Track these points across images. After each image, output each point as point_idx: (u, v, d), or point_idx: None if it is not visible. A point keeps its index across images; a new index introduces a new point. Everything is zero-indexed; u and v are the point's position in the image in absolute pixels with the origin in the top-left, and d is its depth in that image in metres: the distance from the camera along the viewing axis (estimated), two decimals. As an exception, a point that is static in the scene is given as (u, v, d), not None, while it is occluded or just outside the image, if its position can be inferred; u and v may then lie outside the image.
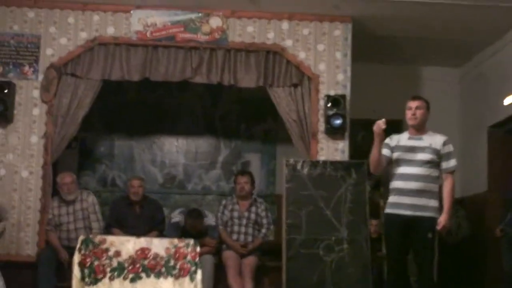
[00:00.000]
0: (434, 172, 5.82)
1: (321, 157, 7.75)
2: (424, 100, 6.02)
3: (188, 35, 7.85)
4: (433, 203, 5.78)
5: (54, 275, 7.08)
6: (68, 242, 7.29)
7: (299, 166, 7.42)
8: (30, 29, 7.82)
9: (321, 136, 7.85)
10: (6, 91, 7.52)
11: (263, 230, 7.73)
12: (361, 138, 8.57)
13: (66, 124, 7.69)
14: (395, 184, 5.90)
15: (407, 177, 5.82)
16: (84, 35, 7.83)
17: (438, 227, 5.68)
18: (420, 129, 5.95)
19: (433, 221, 5.74)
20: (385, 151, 6.01)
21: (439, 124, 9.40)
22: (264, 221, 7.76)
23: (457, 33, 8.52)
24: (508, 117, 8.35)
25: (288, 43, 7.94)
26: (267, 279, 7.68)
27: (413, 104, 5.95)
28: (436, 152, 5.80)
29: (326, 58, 7.97)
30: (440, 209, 5.83)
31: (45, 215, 7.52)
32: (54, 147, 7.66)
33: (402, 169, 5.87)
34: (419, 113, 5.91)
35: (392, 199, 5.92)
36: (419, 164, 5.79)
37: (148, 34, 7.82)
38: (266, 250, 7.83)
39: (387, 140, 6.05)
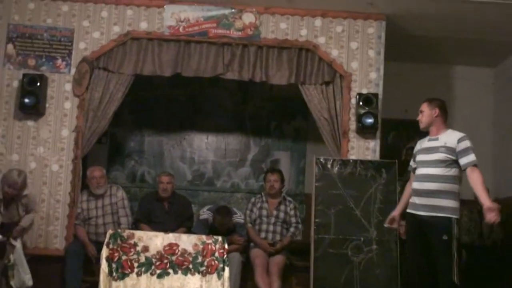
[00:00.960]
0: (450, 172, 5.71)
1: (352, 156, 7.69)
2: (426, 101, 5.96)
3: (220, 31, 7.83)
4: (450, 203, 5.67)
5: (81, 269, 7.09)
6: (96, 237, 7.31)
7: (329, 165, 7.37)
8: (64, 23, 7.84)
9: (352, 135, 7.79)
10: (38, 84, 7.54)
11: (292, 229, 7.68)
12: (392, 138, 8.48)
13: (97, 118, 7.70)
14: (414, 185, 5.90)
15: (422, 177, 5.80)
16: (117, 29, 7.85)
17: (492, 218, 5.48)
18: (435, 129, 5.91)
19: (448, 221, 5.65)
20: (413, 163, 6.07)
21: (473, 124, 9.40)
22: (293, 220, 7.71)
23: (492, 32, 8.40)
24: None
25: (321, 40, 7.89)
26: (294, 278, 7.62)
27: (420, 108, 5.95)
28: (451, 150, 5.70)
29: (359, 56, 7.90)
30: (458, 209, 5.72)
31: (74, 209, 7.53)
32: (85, 141, 7.67)
33: (419, 170, 5.88)
34: (421, 116, 5.93)
35: (411, 199, 5.91)
36: (433, 164, 5.75)
37: (180, 29, 7.81)
38: (294, 250, 7.79)
39: (414, 150, 6.11)
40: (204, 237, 5.70)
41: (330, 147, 7.78)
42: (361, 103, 7.69)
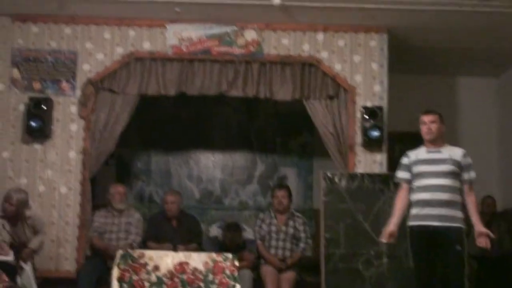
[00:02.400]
0: (456, 183, 5.77)
1: (359, 170, 7.69)
2: (437, 114, 5.98)
3: (223, 49, 7.86)
4: (459, 214, 5.73)
5: (95, 290, 7.11)
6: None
7: (336, 179, 7.36)
8: (67, 45, 7.89)
9: (359, 148, 7.80)
10: (44, 107, 7.59)
11: (302, 245, 7.66)
12: (398, 150, 8.46)
13: (104, 139, 7.73)
14: (420, 196, 5.82)
15: (433, 188, 5.76)
16: (120, 50, 7.89)
17: (483, 244, 5.63)
18: (437, 142, 5.93)
19: (460, 231, 5.69)
20: (405, 174, 6.02)
21: (478, 135, 9.40)
22: (302, 235, 7.69)
23: (495, 42, 8.42)
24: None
25: (324, 55, 7.91)
26: (306, 294, 7.62)
27: (426, 118, 5.95)
28: (457, 163, 5.77)
29: (362, 70, 7.93)
30: (465, 219, 5.78)
31: (83, 231, 7.55)
32: (92, 163, 7.69)
33: (427, 181, 5.81)
34: (434, 127, 5.90)
35: (417, 211, 5.85)
36: (442, 176, 5.75)
37: (183, 48, 7.85)
38: (304, 265, 7.76)
39: (404, 161, 6.07)
40: (214, 254, 5.70)
41: (337, 161, 7.79)
42: (366, 116, 7.70)
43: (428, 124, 5.93)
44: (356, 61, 7.95)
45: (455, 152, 5.85)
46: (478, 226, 5.69)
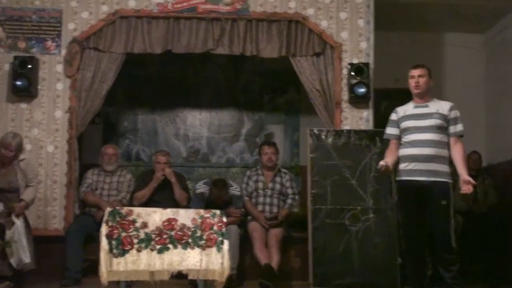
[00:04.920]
0: (444, 138, 5.86)
1: (345, 127, 7.72)
2: (426, 67, 6.05)
3: (209, 6, 7.82)
4: (446, 168, 5.83)
5: (82, 249, 7.17)
6: (97, 208, 7.46)
7: (323, 136, 7.39)
8: (52, 4, 7.82)
9: (345, 105, 7.81)
10: (29, 66, 7.56)
11: (289, 201, 7.72)
12: (385, 107, 8.49)
13: (90, 98, 7.71)
14: (407, 151, 5.91)
15: (419, 143, 5.84)
16: (105, 9, 7.83)
17: (466, 190, 5.67)
18: (424, 96, 6.01)
19: (447, 186, 5.79)
20: (394, 130, 6.11)
21: (465, 91, 9.42)
22: (289, 191, 7.75)
23: (480, -3, 8.43)
24: (534, 82, 8.27)
25: (310, 11, 7.88)
26: (293, 250, 7.69)
27: (415, 72, 6.01)
28: (444, 117, 5.85)
29: (348, 26, 7.91)
30: (451, 174, 5.87)
31: (70, 190, 7.59)
32: (79, 122, 7.69)
33: (414, 136, 5.90)
34: (422, 81, 5.97)
35: (404, 166, 5.93)
36: (429, 130, 5.83)
37: (169, 6, 7.80)
38: (292, 222, 7.83)
39: (393, 117, 6.16)
40: (202, 211, 5.71)
41: (323, 118, 7.81)
42: (352, 73, 7.71)
43: (416, 78, 5.97)
44: (343, 18, 7.92)
45: (442, 106, 5.90)
46: (464, 175, 5.75)
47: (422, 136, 5.82)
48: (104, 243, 5.44)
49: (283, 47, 7.81)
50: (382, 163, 5.92)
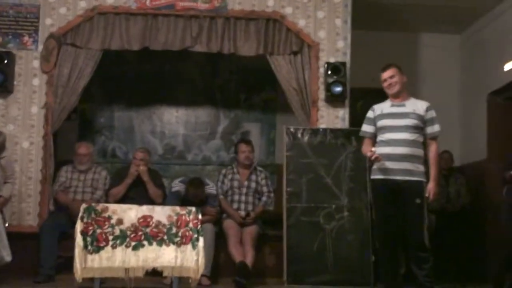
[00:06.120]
0: (419, 138, 5.90)
1: (322, 125, 7.76)
2: (395, 66, 6.10)
3: (187, 3, 7.82)
4: (421, 167, 5.86)
5: (57, 245, 7.12)
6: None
7: (299, 134, 7.44)
8: (29, -1, 7.80)
9: (321, 104, 7.85)
10: (6, 61, 7.53)
11: (264, 198, 7.74)
12: (361, 106, 8.54)
13: (67, 94, 7.69)
14: (382, 150, 5.92)
15: (394, 142, 5.87)
16: (83, 5, 7.82)
17: (429, 195, 5.74)
18: (401, 95, 6.05)
19: (421, 185, 5.82)
20: (370, 128, 6.14)
21: (440, 91, 9.49)
22: (265, 189, 7.78)
23: (457, -1, 8.51)
24: (509, 83, 8.35)
25: (288, 10, 7.92)
26: (268, 247, 7.71)
27: (385, 75, 6.09)
28: (420, 117, 5.89)
29: (326, 26, 7.96)
30: (426, 173, 5.91)
31: (46, 185, 7.56)
32: (55, 118, 7.66)
33: (388, 135, 5.93)
34: (394, 81, 6.02)
35: (379, 165, 5.95)
36: (404, 130, 5.87)
37: (147, 3, 7.79)
38: (267, 219, 7.86)
39: (370, 114, 6.19)
40: (178, 208, 5.71)
41: (300, 116, 7.84)
42: (329, 72, 7.75)
43: (388, 80, 6.01)
44: (320, 17, 7.96)
45: (419, 106, 5.94)
46: (431, 181, 5.80)
47: (397, 136, 5.86)
48: (79, 239, 5.43)
49: (260, 45, 7.84)
50: (369, 153, 5.91)
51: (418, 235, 5.79)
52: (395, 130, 5.90)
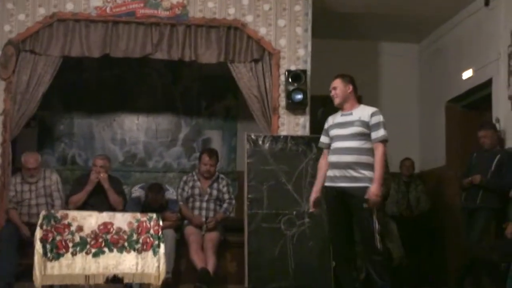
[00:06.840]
0: (366, 144, 5.90)
1: (282, 132, 7.78)
2: (339, 77, 6.16)
3: (148, 11, 7.80)
4: (367, 173, 5.84)
5: (16, 253, 7.01)
6: (29, 218, 7.27)
7: (260, 141, 7.45)
8: (-13, 5, 7.71)
9: (282, 111, 7.87)
10: (-37, 68, 7.43)
11: (225, 205, 7.76)
12: (321, 114, 8.60)
13: (26, 101, 7.60)
14: (331, 158, 6.04)
15: (339, 151, 5.96)
16: (42, 11, 7.73)
17: (367, 196, 5.74)
18: (348, 105, 6.10)
19: (367, 191, 5.82)
20: (326, 139, 6.22)
21: (400, 99, 9.63)
22: (226, 196, 7.79)
23: (416, 8, 8.62)
24: (466, 91, 8.49)
25: (249, 18, 7.93)
26: (229, 254, 7.73)
27: (331, 86, 6.15)
28: (365, 124, 5.92)
29: (286, 34, 7.98)
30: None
31: (5, 193, 7.45)
32: (13, 125, 7.56)
33: (337, 144, 6.02)
34: (335, 93, 6.10)
35: (328, 173, 6.06)
36: (350, 138, 5.93)
37: (107, 9, 7.76)
38: (228, 226, 7.86)
39: (325, 125, 6.27)
40: (138, 214, 5.71)
41: (261, 124, 7.86)
42: (290, 80, 7.76)
43: (332, 91, 6.11)
44: (281, 25, 7.99)
45: (364, 113, 5.98)
46: (376, 185, 5.75)
47: (343, 144, 5.94)
48: (38, 246, 5.40)
49: (221, 53, 7.84)
50: (311, 203, 6.19)
51: (369, 239, 5.84)
52: (342, 139, 5.97)
